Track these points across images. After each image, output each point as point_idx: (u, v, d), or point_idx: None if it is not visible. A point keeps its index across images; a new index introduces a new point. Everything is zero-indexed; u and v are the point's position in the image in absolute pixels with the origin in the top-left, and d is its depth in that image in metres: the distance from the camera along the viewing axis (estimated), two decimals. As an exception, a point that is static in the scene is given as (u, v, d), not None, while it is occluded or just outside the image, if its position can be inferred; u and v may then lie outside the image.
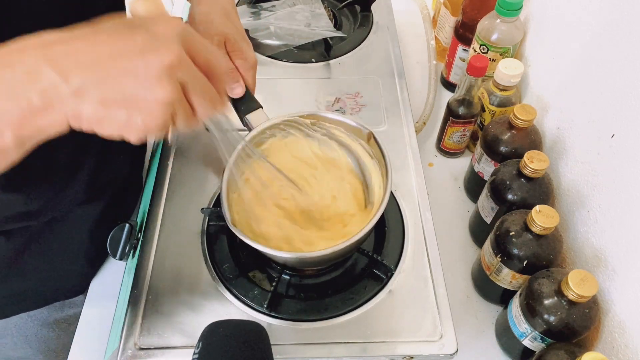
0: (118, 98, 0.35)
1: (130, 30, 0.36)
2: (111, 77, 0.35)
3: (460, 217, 0.80)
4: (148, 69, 0.35)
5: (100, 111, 0.35)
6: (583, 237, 0.65)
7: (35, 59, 0.34)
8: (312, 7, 0.97)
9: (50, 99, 0.34)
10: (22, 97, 0.34)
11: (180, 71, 0.36)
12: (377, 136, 0.61)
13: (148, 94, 0.35)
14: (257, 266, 0.65)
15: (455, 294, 0.69)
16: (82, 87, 0.34)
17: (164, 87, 0.35)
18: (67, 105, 0.35)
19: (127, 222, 0.66)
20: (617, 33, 0.60)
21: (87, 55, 0.35)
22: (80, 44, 0.35)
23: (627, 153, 0.58)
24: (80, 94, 0.34)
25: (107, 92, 0.35)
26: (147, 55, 0.35)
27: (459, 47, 0.90)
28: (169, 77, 0.35)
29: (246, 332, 0.47)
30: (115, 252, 0.65)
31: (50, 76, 0.34)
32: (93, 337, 0.67)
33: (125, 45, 0.35)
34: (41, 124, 0.35)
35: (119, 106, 0.35)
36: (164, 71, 0.35)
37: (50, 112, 0.35)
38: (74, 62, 0.34)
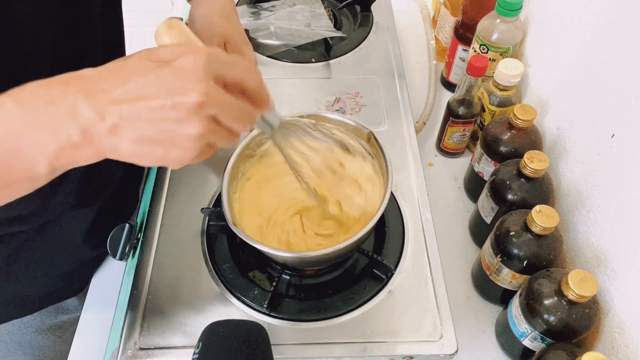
0: (152, 136, 0.37)
1: (157, 67, 0.36)
2: (143, 115, 0.36)
3: (460, 217, 0.80)
4: (177, 110, 0.36)
5: (137, 147, 0.37)
6: (583, 237, 0.65)
7: (75, 95, 0.36)
8: (312, 7, 0.97)
9: (88, 135, 0.36)
10: (63, 133, 0.36)
11: (209, 107, 0.37)
12: (377, 136, 0.61)
13: (178, 132, 0.37)
14: (257, 266, 0.65)
15: (455, 294, 0.69)
16: (117, 124, 0.36)
17: (194, 125, 0.36)
18: (104, 142, 0.37)
19: (127, 222, 0.66)
20: (617, 33, 0.60)
21: (120, 93, 0.36)
22: (113, 82, 0.36)
23: (627, 153, 0.58)
24: (116, 132, 0.36)
25: (141, 131, 0.36)
26: (175, 97, 0.36)
27: (459, 47, 0.90)
28: (198, 116, 0.36)
29: (246, 332, 0.47)
30: (115, 252, 0.65)
31: (88, 114, 0.35)
32: (93, 337, 0.67)
33: (153, 85, 0.36)
34: (77, 157, 0.38)
35: (153, 143, 0.37)
36: (192, 112, 0.36)
37: (88, 147, 0.37)
38: (108, 99, 0.36)
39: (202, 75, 0.36)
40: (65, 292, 0.75)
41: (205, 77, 0.36)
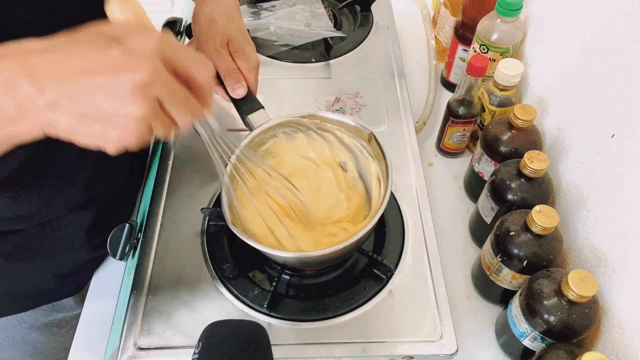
0: (91, 113, 0.36)
1: (106, 44, 0.36)
2: (85, 92, 0.35)
3: (460, 217, 0.80)
4: (121, 87, 0.35)
5: (75, 124, 0.36)
6: (583, 237, 0.65)
7: (14, 69, 0.35)
8: (312, 7, 0.97)
9: (25, 109, 0.35)
10: None
11: (155, 88, 0.36)
12: (377, 137, 0.61)
13: (120, 110, 0.36)
14: (257, 266, 0.65)
15: (455, 294, 0.69)
16: (57, 100, 0.35)
17: (137, 105, 0.35)
18: (42, 116, 0.36)
19: (127, 222, 0.66)
20: (617, 33, 0.60)
21: (63, 69, 0.35)
22: (57, 57, 0.35)
23: (627, 153, 0.58)
24: (55, 107, 0.35)
25: (80, 107, 0.35)
26: (121, 73, 0.35)
27: (459, 47, 0.90)
28: (142, 95, 0.35)
29: (246, 332, 0.47)
30: (115, 252, 0.65)
31: (27, 88, 0.35)
32: (93, 337, 0.67)
33: (100, 61, 0.35)
34: (14, 131, 0.36)
35: (92, 120, 0.36)
36: (136, 89, 0.35)
37: (25, 120, 0.36)
38: (49, 75, 0.35)
39: (151, 55, 0.36)
40: (61, 291, 0.75)
41: (154, 58, 0.36)
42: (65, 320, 0.78)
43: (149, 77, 0.35)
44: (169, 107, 0.38)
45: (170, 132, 0.39)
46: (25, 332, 0.76)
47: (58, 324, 0.78)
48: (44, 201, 0.60)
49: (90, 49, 0.36)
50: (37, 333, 0.77)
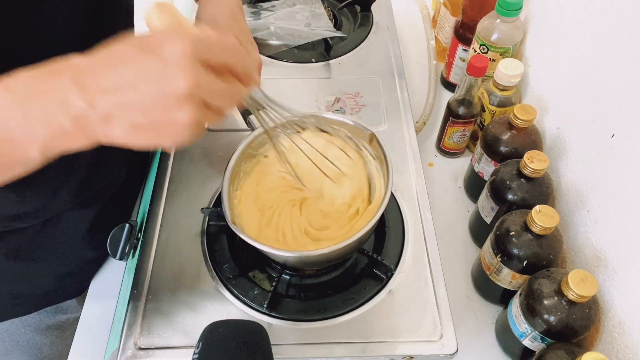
0: (144, 123, 0.37)
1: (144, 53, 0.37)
2: (134, 105, 0.36)
3: (460, 217, 0.80)
4: (166, 100, 0.36)
5: (130, 134, 0.38)
6: (583, 237, 0.65)
7: (65, 86, 0.36)
8: (312, 7, 0.97)
9: (80, 124, 0.37)
10: (54, 122, 0.36)
11: (198, 93, 0.37)
12: (378, 137, 0.61)
13: (170, 119, 0.37)
14: (257, 266, 0.65)
15: (455, 294, 0.69)
16: (109, 113, 0.36)
17: (184, 112, 0.37)
18: (97, 129, 0.37)
19: (127, 222, 0.66)
20: (617, 33, 0.60)
21: (109, 82, 0.36)
22: (102, 71, 0.37)
23: (627, 153, 0.58)
24: (109, 120, 0.37)
25: (133, 119, 0.37)
26: (164, 87, 0.36)
27: (459, 47, 0.90)
28: (188, 103, 0.37)
29: (246, 332, 0.47)
30: (115, 252, 0.65)
31: (79, 104, 0.36)
32: (93, 337, 0.67)
33: (141, 72, 0.36)
34: (70, 144, 0.38)
35: (146, 130, 0.38)
36: (181, 99, 0.36)
37: (80, 134, 0.37)
38: (98, 89, 0.36)
39: (189, 62, 0.36)
40: (64, 293, 0.75)
41: (192, 64, 0.37)
42: (69, 323, 0.78)
43: (192, 87, 0.36)
44: (214, 104, 0.39)
45: (219, 120, 0.41)
46: (29, 335, 0.76)
47: (62, 327, 0.78)
48: (46, 197, 0.60)
49: (130, 62, 0.37)
50: (41, 336, 0.77)
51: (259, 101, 0.50)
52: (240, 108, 0.63)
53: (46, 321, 0.76)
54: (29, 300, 0.72)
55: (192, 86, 0.36)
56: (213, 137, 0.78)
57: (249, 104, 0.49)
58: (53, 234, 0.66)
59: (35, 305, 0.73)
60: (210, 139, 0.78)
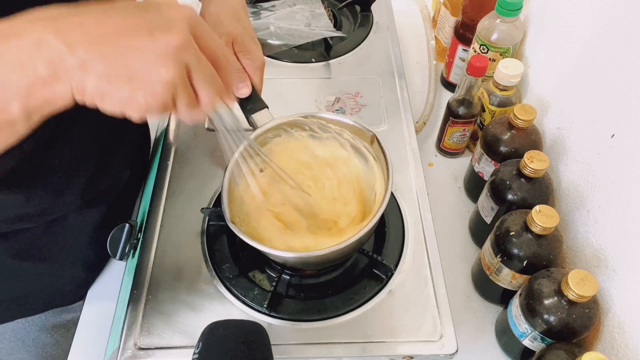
0: (122, 74, 0.35)
1: (141, 10, 0.36)
2: (117, 52, 0.35)
3: (460, 217, 0.80)
4: (154, 48, 0.35)
5: (104, 85, 0.36)
6: (583, 237, 0.65)
7: (43, 30, 0.34)
8: (312, 7, 0.97)
9: (56, 69, 0.35)
10: (29, 66, 0.34)
11: (187, 54, 0.36)
12: (380, 139, 0.61)
13: (152, 72, 0.36)
14: (257, 266, 0.65)
15: (455, 294, 0.69)
16: (88, 60, 0.35)
17: (168, 67, 0.36)
18: (73, 77, 0.35)
19: (127, 222, 0.66)
20: (617, 33, 0.60)
21: (95, 30, 0.35)
22: (89, 19, 0.35)
23: (627, 153, 0.58)
24: (85, 67, 0.35)
25: (111, 67, 0.35)
26: (155, 34, 0.35)
27: (459, 47, 0.90)
28: (175, 58, 0.36)
29: (246, 332, 0.47)
30: (115, 252, 0.65)
31: (57, 47, 0.34)
32: (93, 337, 0.67)
33: (134, 23, 0.35)
34: (47, 95, 0.36)
35: (122, 82, 0.36)
36: (170, 51, 0.35)
37: (56, 82, 0.35)
38: (81, 35, 0.35)
39: (186, 23, 0.36)
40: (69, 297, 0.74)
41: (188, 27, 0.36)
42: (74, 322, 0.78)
43: (183, 41, 0.35)
44: (196, 78, 0.38)
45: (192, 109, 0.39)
46: (35, 334, 0.75)
47: (66, 325, 0.78)
48: (52, 197, 0.60)
49: (124, 14, 0.36)
50: (46, 335, 0.77)
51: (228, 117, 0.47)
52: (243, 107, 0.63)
53: (52, 320, 0.76)
54: (36, 301, 0.72)
55: (184, 40, 0.36)
56: (213, 137, 0.78)
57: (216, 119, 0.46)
58: (59, 234, 0.66)
59: (42, 306, 0.73)
60: (211, 139, 0.78)
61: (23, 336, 0.75)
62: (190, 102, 0.39)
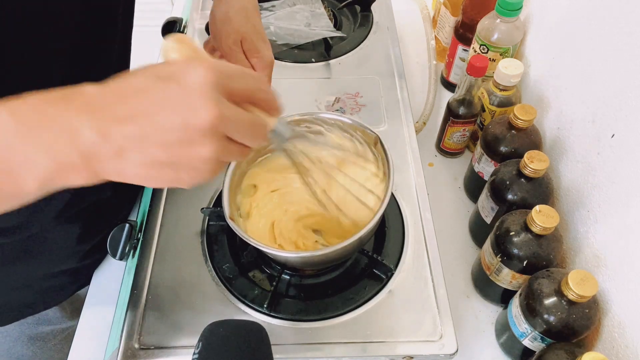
0: (162, 159, 0.34)
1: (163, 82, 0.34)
2: (152, 137, 0.33)
3: (460, 217, 0.80)
4: (188, 132, 0.33)
5: (145, 171, 0.34)
6: (583, 237, 0.65)
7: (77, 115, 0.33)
8: (312, 7, 0.97)
9: (90, 158, 0.33)
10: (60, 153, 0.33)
11: (221, 127, 0.34)
12: (382, 141, 0.60)
13: (191, 154, 0.34)
14: (257, 266, 0.65)
15: (455, 294, 0.69)
16: (124, 147, 0.33)
17: (207, 147, 0.34)
18: (108, 165, 0.33)
19: (127, 222, 0.66)
20: (617, 33, 0.60)
21: (125, 113, 0.33)
22: (116, 99, 0.34)
23: (627, 153, 0.58)
24: (122, 155, 0.33)
25: (150, 153, 0.33)
26: (186, 117, 0.33)
27: (459, 47, 0.90)
28: (211, 136, 0.33)
29: (246, 332, 0.47)
30: (115, 252, 0.65)
31: (91, 135, 0.32)
32: (92, 338, 0.67)
33: (160, 101, 0.33)
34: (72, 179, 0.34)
35: (163, 166, 0.34)
36: (205, 132, 0.33)
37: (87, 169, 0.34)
38: (113, 120, 0.33)
39: (211, 92, 0.33)
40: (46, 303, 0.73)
41: (215, 94, 0.33)
42: (53, 334, 0.77)
43: (215, 118, 0.33)
44: (238, 139, 0.36)
45: (246, 155, 0.38)
46: (9, 345, 0.74)
47: (45, 338, 0.77)
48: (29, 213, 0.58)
49: (149, 90, 0.34)
50: (22, 347, 0.75)
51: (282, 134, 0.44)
52: None
53: (27, 332, 0.74)
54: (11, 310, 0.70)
55: (217, 117, 0.33)
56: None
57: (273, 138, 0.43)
58: (37, 249, 0.64)
59: (18, 314, 0.71)
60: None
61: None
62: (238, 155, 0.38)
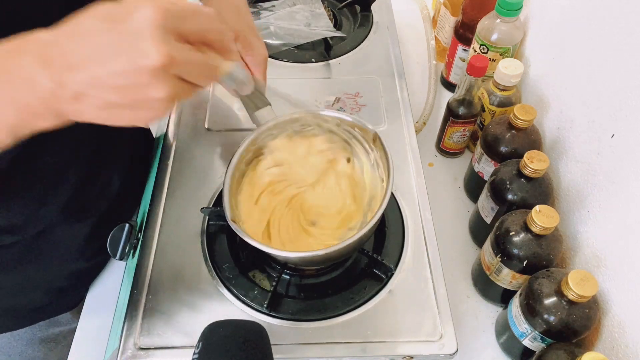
0: (118, 101, 0.35)
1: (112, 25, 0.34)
2: (106, 82, 0.34)
3: (460, 217, 0.80)
4: (140, 75, 0.34)
5: (103, 113, 0.36)
6: (583, 237, 0.65)
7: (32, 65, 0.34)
8: (312, 7, 0.97)
9: (50, 104, 0.35)
10: (22, 103, 0.35)
11: (172, 68, 0.35)
12: (381, 138, 0.60)
13: (146, 95, 0.35)
14: (257, 266, 0.65)
15: (455, 294, 0.69)
16: (80, 91, 0.35)
17: (160, 88, 0.35)
18: (68, 108, 0.35)
19: (127, 222, 0.66)
20: (617, 33, 0.60)
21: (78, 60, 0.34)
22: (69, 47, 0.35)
23: (627, 153, 0.58)
24: (80, 98, 0.35)
25: (106, 97, 0.35)
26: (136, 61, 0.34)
27: (459, 47, 0.90)
28: (164, 76, 0.35)
29: (246, 332, 0.47)
30: (115, 252, 0.64)
31: (47, 83, 0.34)
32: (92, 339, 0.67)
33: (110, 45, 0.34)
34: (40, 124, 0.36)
35: (120, 107, 0.36)
36: (156, 74, 0.34)
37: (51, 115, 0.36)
38: (67, 67, 0.34)
39: (160, 33, 0.34)
40: (58, 307, 0.73)
41: (163, 35, 0.34)
42: (63, 335, 0.77)
43: (166, 60, 0.34)
44: (190, 79, 0.37)
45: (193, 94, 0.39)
46: (21, 348, 0.74)
47: (55, 339, 0.77)
48: (34, 208, 0.59)
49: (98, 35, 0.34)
50: (33, 349, 0.75)
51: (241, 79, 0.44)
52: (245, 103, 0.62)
53: (39, 334, 0.74)
54: (22, 314, 0.71)
55: (165, 58, 0.34)
56: (213, 137, 0.78)
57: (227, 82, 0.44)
58: (46, 248, 0.64)
59: (29, 319, 0.72)
60: (211, 139, 0.78)
61: (9, 350, 0.74)
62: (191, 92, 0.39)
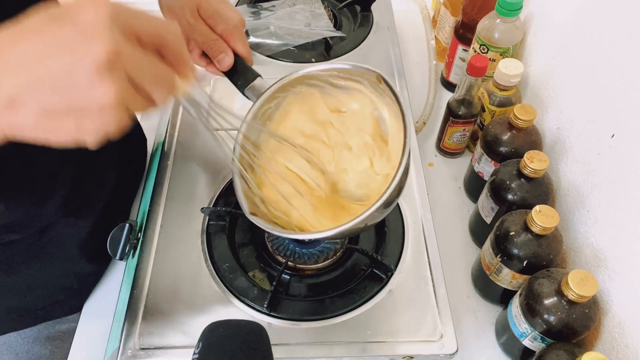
0: (60, 106, 0.31)
1: (55, 22, 0.31)
2: (46, 82, 0.30)
3: (460, 217, 0.80)
4: (83, 70, 0.30)
5: (43, 122, 0.31)
6: (583, 237, 0.65)
7: None
8: (312, 7, 0.97)
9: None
10: None
11: (120, 63, 0.31)
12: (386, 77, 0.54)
13: (91, 98, 0.31)
14: (257, 266, 0.65)
15: (455, 294, 0.69)
16: (16, 95, 0.30)
17: (106, 88, 0.30)
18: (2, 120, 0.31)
19: (127, 222, 0.66)
20: (617, 33, 0.60)
21: (14, 57, 0.30)
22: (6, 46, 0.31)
23: (627, 153, 0.58)
24: (15, 105, 0.30)
25: (45, 101, 0.30)
26: (78, 53, 0.30)
27: (459, 47, 0.90)
28: (110, 74, 0.30)
29: (246, 332, 0.47)
30: (115, 252, 0.65)
31: None
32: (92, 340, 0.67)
33: (52, 43, 0.30)
34: None
35: (62, 115, 0.31)
36: (101, 69, 0.30)
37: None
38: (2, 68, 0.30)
39: (107, 27, 0.30)
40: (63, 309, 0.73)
41: (110, 28, 0.30)
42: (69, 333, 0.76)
43: (111, 51, 0.30)
44: (141, 83, 0.33)
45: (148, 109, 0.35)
46: (28, 346, 0.74)
47: (62, 337, 0.77)
48: (33, 205, 0.58)
49: (39, 32, 0.31)
50: (40, 347, 0.75)
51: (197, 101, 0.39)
52: None
53: (45, 332, 0.74)
54: (28, 315, 0.70)
55: (111, 51, 0.30)
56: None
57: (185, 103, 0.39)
58: (49, 245, 0.64)
59: (34, 320, 0.72)
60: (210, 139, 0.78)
61: (16, 348, 0.73)
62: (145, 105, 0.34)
